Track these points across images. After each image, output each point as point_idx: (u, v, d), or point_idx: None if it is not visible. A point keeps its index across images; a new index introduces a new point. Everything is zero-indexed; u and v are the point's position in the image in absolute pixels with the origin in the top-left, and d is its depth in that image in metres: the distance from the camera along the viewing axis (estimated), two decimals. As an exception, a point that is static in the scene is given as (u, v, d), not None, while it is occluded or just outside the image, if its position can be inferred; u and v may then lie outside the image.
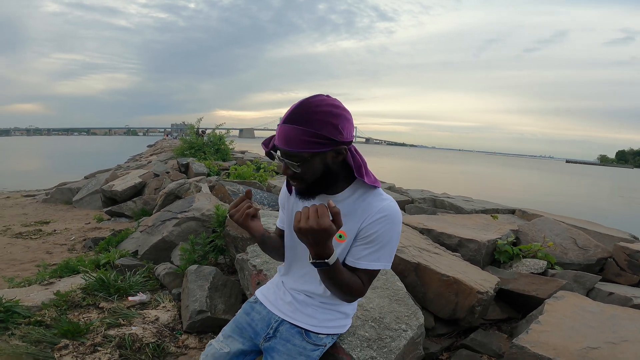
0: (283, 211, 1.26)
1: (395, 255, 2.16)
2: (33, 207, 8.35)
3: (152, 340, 2.04)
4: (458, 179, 24.50)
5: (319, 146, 0.93)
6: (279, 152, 1.00)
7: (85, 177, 12.16)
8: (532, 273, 2.23)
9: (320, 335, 1.21)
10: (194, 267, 2.64)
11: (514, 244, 2.64)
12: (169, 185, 5.70)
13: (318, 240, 0.90)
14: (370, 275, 1.10)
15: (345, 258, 1.10)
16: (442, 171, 32.90)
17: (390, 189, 5.99)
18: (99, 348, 1.96)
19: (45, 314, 2.42)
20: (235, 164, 8.72)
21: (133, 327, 2.18)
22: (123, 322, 2.27)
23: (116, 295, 2.81)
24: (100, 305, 2.64)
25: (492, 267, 2.36)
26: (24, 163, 25.80)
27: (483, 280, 1.87)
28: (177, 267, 3.17)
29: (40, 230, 5.92)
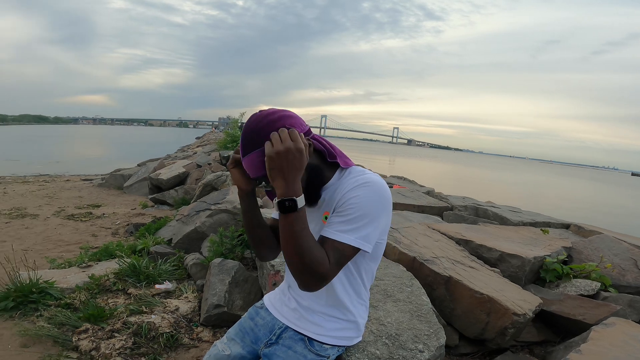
0: None
1: (425, 267, 2.00)
2: (88, 190, 9.00)
3: (167, 330, 2.04)
4: (506, 187, 22.89)
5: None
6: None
7: (138, 165, 12.96)
8: (581, 295, 1.95)
9: (324, 346, 1.11)
10: (218, 260, 2.63)
11: (565, 262, 2.34)
12: (207, 176, 5.85)
13: (291, 167, 0.87)
14: (337, 250, 0.93)
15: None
16: (489, 178, 30.90)
17: (429, 193, 5.69)
18: (116, 334, 1.99)
19: (77, 296, 2.52)
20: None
21: (152, 316, 2.21)
22: (145, 310, 2.31)
23: (145, 282, 2.88)
24: (128, 291, 2.72)
25: (535, 286, 2.10)
26: (87, 149, 28.22)
27: (522, 301, 1.64)
28: (205, 258, 3.21)
29: (91, 213, 6.33)
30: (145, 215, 6.06)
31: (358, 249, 0.96)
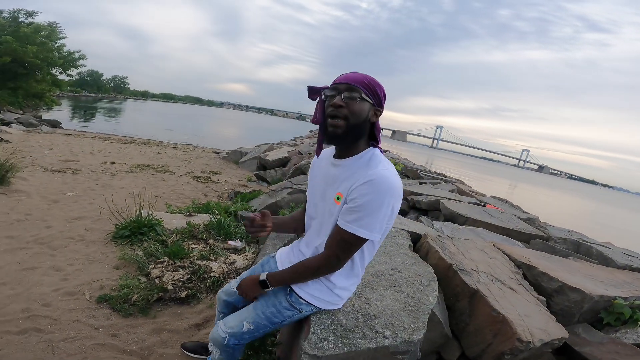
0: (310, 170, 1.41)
1: (458, 276, 1.92)
2: (214, 161, 10.70)
3: (217, 276, 2.44)
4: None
5: (370, 95, 1.15)
6: (330, 91, 1.16)
7: (256, 146, 14.71)
8: (638, 344, 1.58)
9: (300, 299, 1.26)
10: (276, 229, 2.96)
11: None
12: (301, 162, 6.37)
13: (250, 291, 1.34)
14: (344, 240, 1.15)
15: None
16: (632, 222, 24.11)
17: (529, 220, 5.01)
18: (180, 269, 2.48)
19: (171, 237, 3.17)
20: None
21: (213, 263, 2.65)
22: (211, 258, 2.78)
23: (222, 237, 3.42)
24: (208, 241, 3.28)
25: (585, 326, 1.76)
26: (223, 129, 33.14)
27: (541, 331, 1.43)
28: (274, 228, 3.59)
29: (210, 178, 7.58)
30: (247, 187, 6.94)
31: (362, 238, 1.13)
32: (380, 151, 1.22)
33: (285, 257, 1.44)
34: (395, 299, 1.44)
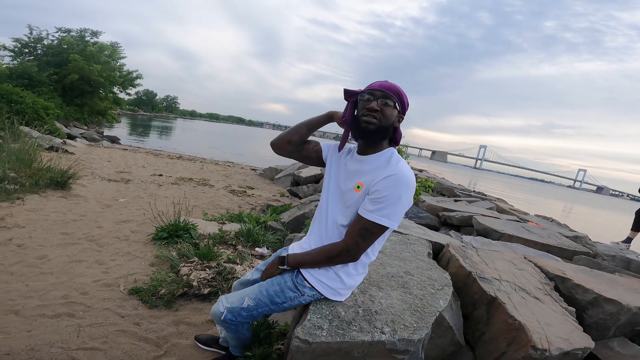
0: (328, 156, 1.49)
1: (477, 284, 1.86)
2: (251, 177, 11.11)
3: (239, 277, 2.53)
4: None
5: (399, 104, 1.31)
6: (367, 95, 1.31)
7: (292, 164, 15.07)
8: None
9: (305, 282, 1.31)
10: (301, 234, 3.02)
11: None
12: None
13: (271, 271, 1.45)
14: (365, 228, 1.22)
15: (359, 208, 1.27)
16: None
17: (576, 238, 4.67)
18: (207, 269, 2.61)
19: (204, 241, 3.35)
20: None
21: (239, 266, 2.76)
22: (237, 262, 2.89)
23: (250, 244, 3.55)
24: (237, 247, 3.41)
25: (622, 340, 1.60)
26: (262, 148, 34.32)
27: (561, 339, 1.33)
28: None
29: (245, 192, 7.88)
30: (279, 202, 7.12)
31: (383, 227, 1.23)
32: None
33: (297, 247, 1.51)
34: (401, 299, 1.43)
